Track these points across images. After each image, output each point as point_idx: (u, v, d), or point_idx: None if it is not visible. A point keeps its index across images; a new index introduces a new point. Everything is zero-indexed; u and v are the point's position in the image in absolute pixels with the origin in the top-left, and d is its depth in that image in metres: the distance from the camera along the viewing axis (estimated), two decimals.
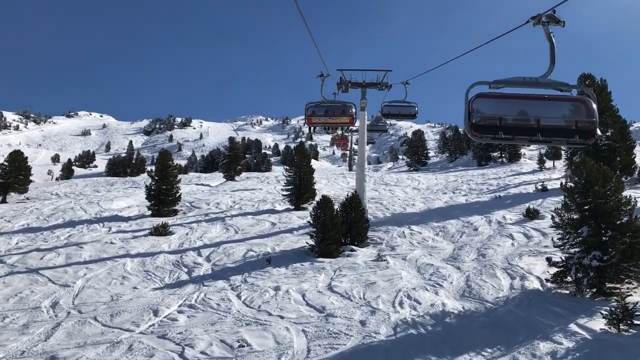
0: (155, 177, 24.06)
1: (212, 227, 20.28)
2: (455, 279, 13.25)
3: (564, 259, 12.11)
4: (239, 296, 12.34)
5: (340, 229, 16.11)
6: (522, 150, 47.01)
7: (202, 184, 38.45)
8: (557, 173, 33.38)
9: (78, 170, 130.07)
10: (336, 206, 17.20)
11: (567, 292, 11.76)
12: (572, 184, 12.96)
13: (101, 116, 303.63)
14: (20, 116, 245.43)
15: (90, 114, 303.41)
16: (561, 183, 17.10)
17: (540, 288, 12.25)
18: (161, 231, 18.60)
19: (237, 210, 24.27)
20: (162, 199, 24.04)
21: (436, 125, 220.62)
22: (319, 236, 15.69)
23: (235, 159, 42.44)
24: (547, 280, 12.28)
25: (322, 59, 15.69)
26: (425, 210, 22.54)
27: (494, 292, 12.11)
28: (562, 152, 35.77)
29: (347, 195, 17.46)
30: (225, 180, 41.18)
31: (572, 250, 12.21)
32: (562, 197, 22.37)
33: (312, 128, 21.64)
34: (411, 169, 54.91)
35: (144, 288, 13.54)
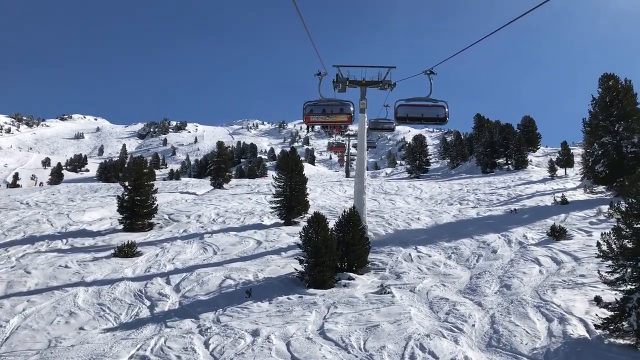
0: (128, 187, 21.41)
1: (188, 246, 17.62)
2: (477, 319, 10.68)
3: (618, 299, 9.58)
4: (206, 344, 9.72)
5: (336, 252, 13.54)
6: (529, 157, 44.59)
7: (187, 192, 35.77)
8: (570, 182, 30.94)
9: (69, 175, 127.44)
10: (332, 223, 14.66)
11: (624, 342, 9.22)
12: (625, 204, 10.41)
13: (95, 119, 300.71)
14: (13, 119, 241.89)
15: (85, 117, 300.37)
16: (611, 203, 14.54)
17: (587, 335, 9.68)
18: (126, 252, 15.96)
19: (220, 225, 21.59)
20: (136, 211, 21.39)
21: (434, 130, 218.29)
22: (310, 262, 13.10)
23: (223, 165, 39.71)
24: (596, 326, 9.71)
25: (319, 55, 13.77)
26: (432, 226, 19.97)
27: (528, 340, 9.54)
28: (579, 157, 33.32)
29: (345, 211, 14.88)
30: (212, 188, 38.48)
31: (624, 287, 9.72)
32: (587, 211, 20.00)
33: (309, 127, 19.60)
34: (412, 175, 52.44)
35: (92, 329, 10.94)
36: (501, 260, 14.60)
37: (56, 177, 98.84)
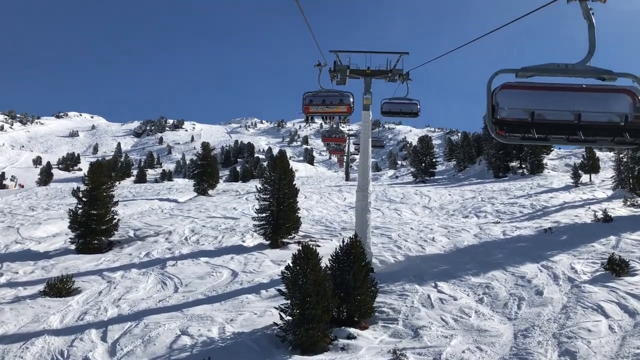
0: (83, 199, 17.75)
1: (143, 279, 13.93)
2: None
3: None
4: None
5: (332, 299, 9.92)
6: (544, 160, 40.99)
7: (167, 200, 32.07)
8: (599, 190, 27.31)
9: (60, 174, 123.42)
10: (328, 246, 11.03)
11: None
12: None
13: (92, 117, 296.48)
14: (6, 116, 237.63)
15: (81, 115, 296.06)
16: None
17: None
18: (59, 290, 12.31)
19: (192, 246, 17.89)
20: (93, 227, 17.76)
21: (436, 129, 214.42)
22: (296, 314, 9.49)
23: (209, 169, 35.95)
24: None
25: (316, 42, 11.78)
26: (451, 249, 16.33)
27: None
28: (610, 161, 29.72)
29: (344, 241, 11.23)
30: (196, 194, 34.73)
31: None
32: None
33: (309, 118, 16.85)
34: (417, 180, 48.85)
35: None
36: (551, 307, 10.95)
37: (45, 176, 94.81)
